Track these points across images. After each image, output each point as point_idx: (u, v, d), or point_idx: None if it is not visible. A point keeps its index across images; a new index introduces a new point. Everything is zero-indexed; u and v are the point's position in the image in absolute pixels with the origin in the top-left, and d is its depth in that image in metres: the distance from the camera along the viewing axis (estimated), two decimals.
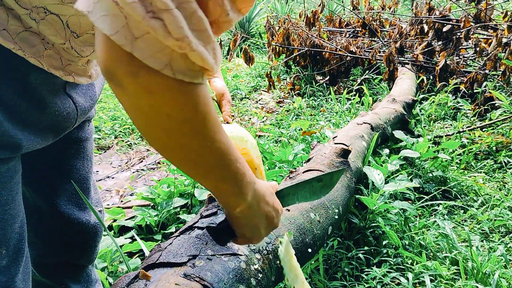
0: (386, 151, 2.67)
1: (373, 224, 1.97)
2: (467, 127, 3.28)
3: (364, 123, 2.56)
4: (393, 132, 2.80)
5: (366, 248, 1.86)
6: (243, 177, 0.73)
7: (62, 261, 1.20)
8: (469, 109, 3.61)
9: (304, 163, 1.81)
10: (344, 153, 1.74)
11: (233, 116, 1.18)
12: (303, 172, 1.61)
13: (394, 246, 1.89)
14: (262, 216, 0.82)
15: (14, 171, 0.88)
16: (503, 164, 2.75)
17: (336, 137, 2.24)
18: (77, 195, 1.13)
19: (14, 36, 0.76)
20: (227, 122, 1.19)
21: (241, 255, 0.99)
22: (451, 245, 1.86)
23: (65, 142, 1.08)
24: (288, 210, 1.26)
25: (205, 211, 1.16)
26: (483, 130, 3.23)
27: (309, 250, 1.25)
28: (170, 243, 0.98)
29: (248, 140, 1.12)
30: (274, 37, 4.60)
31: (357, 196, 1.95)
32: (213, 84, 1.21)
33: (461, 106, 3.71)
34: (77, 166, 1.13)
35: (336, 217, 1.47)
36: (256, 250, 1.04)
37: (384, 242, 1.89)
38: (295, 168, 1.71)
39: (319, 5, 4.82)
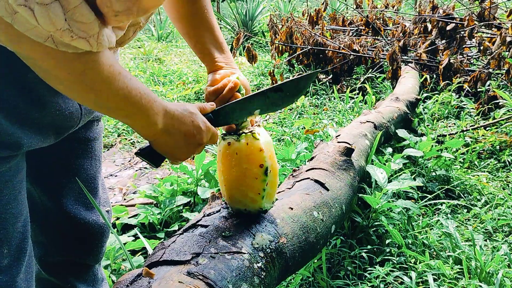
0: (389, 150, 2.66)
1: (376, 223, 1.96)
2: (471, 126, 3.27)
3: (367, 121, 2.55)
4: (396, 131, 2.79)
5: (369, 247, 1.85)
6: (149, 110, 0.81)
7: (68, 260, 1.20)
8: (472, 108, 3.60)
9: (307, 161, 1.81)
10: (348, 152, 1.74)
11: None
12: (306, 171, 1.61)
13: (397, 245, 1.88)
14: (180, 135, 0.88)
15: (17, 169, 0.88)
16: (507, 163, 2.74)
17: (339, 135, 2.24)
18: (84, 194, 1.13)
19: None
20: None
21: (244, 253, 0.99)
22: (454, 244, 1.86)
23: (72, 142, 1.08)
24: (292, 209, 1.25)
25: (208, 209, 1.16)
26: (487, 129, 3.22)
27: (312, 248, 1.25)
28: (174, 241, 0.98)
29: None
30: (277, 35, 4.59)
31: (360, 195, 1.95)
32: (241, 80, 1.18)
33: (464, 105, 3.70)
34: (84, 165, 1.13)
35: (339, 215, 1.46)
36: (259, 248, 1.04)
37: (387, 241, 1.89)
38: (298, 167, 1.70)
39: (322, 4, 4.81)
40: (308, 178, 1.50)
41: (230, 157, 1.04)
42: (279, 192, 1.46)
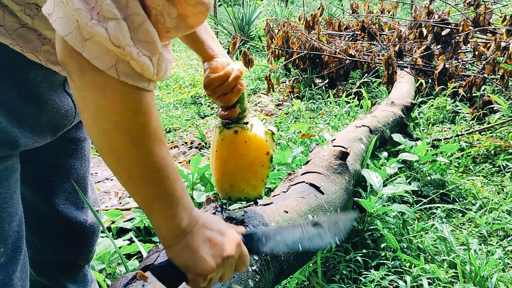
0: (385, 154, 2.67)
1: (371, 227, 1.97)
2: (466, 130, 3.29)
3: (362, 126, 2.56)
4: (392, 135, 2.81)
5: (364, 250, 1.86)
6: (179, 200, 0.71)
7: (59, 260, 1.20)
8: (467, 113, 3.62)
9: (303, 165, 1.81)
10: (343, 156, 1.75)
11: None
12: (301, 174, 1.61)
13: (392, 249, 1.89)
14: (204, 242, 0.76)
15: (12, 169, 0.88)
16: (501, 167, 2.76)
17: (334, 139, 2.24)
18: (74, 194, 1.14)
19: (11, 32, 0.77)
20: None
21: None
22: (449, 248, 1.86)
23: (63, 142, 1.08)
24: (287, 212, 1.26)
25: (204, 211, 1.16)
26: (482, 133, 3.24)
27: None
28: None
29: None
30: (273, 40, 4.61)
31: (355, 198, 1.95)
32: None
33: (459, 109, 3.72)
34: (75, 165, 1.14)
35: None
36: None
37: (382, 245, 1.89)
38: (293, 171, 1.71)
39: (319, 9, 4.84)
40: (303, 181, 1.51)
41: (238, 145, 1.03)
42: (274, 196, 1.46)
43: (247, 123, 1.05)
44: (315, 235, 0.89)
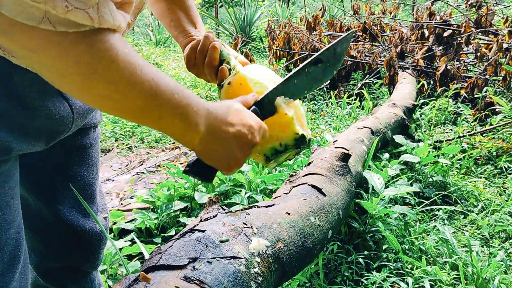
0: (386, 155, 2.67)
1: (373, 229, 1.96)
2: (468, 132, 3.28)
3: (364, 127, 2.56)
4: (393, 136, 2.80)
5: (366, 252, 1.85)
6: (186, 108, 0.68)
7: (66, 267, 1.18)
8: (469, 114, 3.62)
9: (304, 166, 1.81)
10: (345, 157, 1.75)
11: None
12: (303, 176, 1.61)
13: (394, 251, 1.88)
14: (230, 139, 0.76)
15: (8, 175, 0.84)
16: (503, 169, 2.75)
17: (336, 141, 2.24)
18: (80, 202, 1.11)
19: None
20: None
21: (241, 258, 0.99)
22: (451, 250, 1.86)
23: (69, 149, 1.05)
24: (288, 214, 1.26)
25: (205, 213, 1.16)
26: (484, 135, 3.23)
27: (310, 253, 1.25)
28: (170, 246, 0.98)
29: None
30: (275, 41, 4.61)
31: (357, 200, 1.95)
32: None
33: (461, 111, 3.72)
34: (81, 172, 1.10)
35: (336, 221, 1.47)
36: (256, 253, 1.04)
37: (384, 247, 1.89)
38: (295, 172, 1.71)
39: (320, 10, 4.84)
40: (305, 183, 1.50)
41: (237, 92, 0.96)
42: (276, 197, 1.46)
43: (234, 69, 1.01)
44: (318, 72, 0.91)
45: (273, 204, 1.29)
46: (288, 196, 1.42)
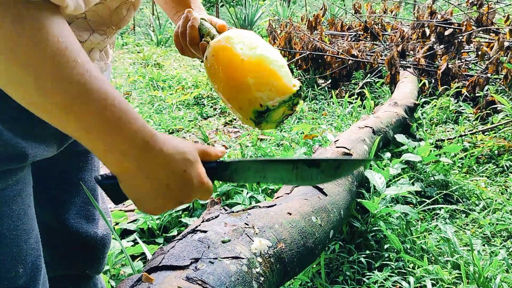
0: (388, 154, 2.67)
1: (374, 228, 1.97)
2: (469, 131, 3.28)
3: (365, 126, 2.56)
4: (395, 135, 2.80)
5: (367, 252, 1.86)
6: (115, 130, 0.58)
7: (70, 274, 1.17)
8: (471, 113, 3.62)
9: None
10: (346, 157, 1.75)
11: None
12: None
13: (395, 250, 1.89)
14: (160, 184, 0.65)
15: (24, 183, 0.82)
16: (505, 168, 2.75)
17: (337, 140, 2.25)
18: (85, 207, 1.10)
19: None
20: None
21: (243, 258, 0.99)
22: (452, 249, 1.86)
23: (73, 155, 1.04)
24: (290, 214, 1.26)
25: (207, 214, 1.16)
26: (485, 134, 3.23)
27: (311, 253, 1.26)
28: (173, 247, 0.99)
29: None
30: (275, 40, 4.62)
31: (358, 200, 1.95)
32: (209, 17, 1.03)
33: (463, 109, 3.72)
34: (85, 178, 1.09)
35: (338, 220, 1.47)
36: (258, 253, 1.05)
37: (385, 246, 1.89)
38: None
39: (321, 9, 4.84)
40: None
41: (218, 61, 0.89)
42: (277, 197, 1.46)
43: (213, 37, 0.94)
44: (308, 174, 0.79)
45: (275, 204, 1.30)
46: (289, 196, 1.42)
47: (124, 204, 2.63)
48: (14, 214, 0.79)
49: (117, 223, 2.18)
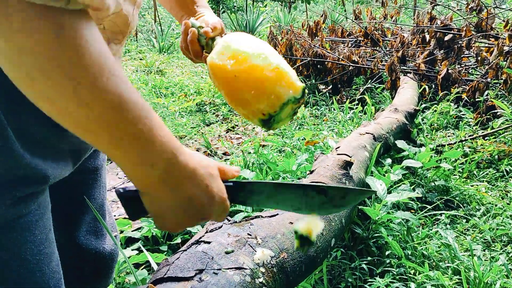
0: (389, 160, 2.69)
1: (376, 234, 1.99)
2: (469, 136, 3.30)
3: (366, 133, 2.59)
4: (396, 141, 2.83)
5: (369, 258, 1.88)
6: (147, 143, 0.58)
7: None
8: (471, 118, 3.64)
9: (308, 174, 1.84)
10: (346, 165, 1.78)
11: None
12: None
13: (397, 256, 1.91)
14: (184, 199, 0.65)
15: (45, 206, 0.81)
16: (505, 172, 2.77)
17: (339, 147, 2.27)
18: (94, 223, 1.11)
19: None
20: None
21: (246, 268, 1.02)
22: (453, 255, 1.88)
23: (82, 174, 1.05)
24: (292, 223, 1.29)
25: (211, 225, 1.19)
26: (485, 139, 3.25)
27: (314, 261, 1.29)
28: (178, 258, 1.02)
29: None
30: (276, 47, 4.65)
31: (360, 206, 1.98)
32: (204, 18, 1.03)
33: (463, 115, 3.74)
34: (95, 195, 1.10)
35: (339, 229, 1.50)
36: (261, 264, 1.07)
37: (387, 252, 1.92)
38: (298, 179, 1.74)
39: (321, 16, 4.88)
40: None
41: (220, 72, 0.89)
42: None
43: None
44: (315, 203, 0.80)
45: (277, 214, 1.32)
46: None
47: None
48: (36, 239, 0.78)
49: (121, 231, 2.21)
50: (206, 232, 1.15)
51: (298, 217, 1.35)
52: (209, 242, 1.08)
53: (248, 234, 1.15)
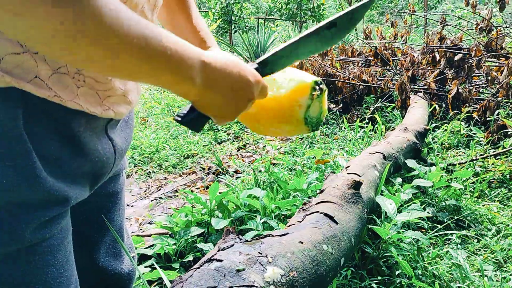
0: (399, 180, 2.71)
1: (386, 254, 2.00)
2: (480, 155, 3.30)
3: (376, 152, 2.61)
4: (406, 161, 2.85)
5: (379, 278, 1.89)
6: (179, 64, 0.66)
7: None
8: (482, 137, 3.64)
9: (318, 193, 1.87)
10: (356, 185, 1.80)
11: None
12: (315, 204, 1.67)
13: (407, 276, 1.92)
14: (227, 90, 0.75)
15: (67, 230, 0.85)
16: None
17: (349, 166, 2.30)
18: (113, 245, 1.14)
19: (47, 80, 0.73)
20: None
21: (257, 286, 1.05)
22: (464, 275, 1.88)
23: (103, 197, 1.08)
24: (302, 243, 1.32)
25: (223, 243, 1.23)
26: (497, 158, 3.25)
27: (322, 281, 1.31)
28: (191, 275, 1.05)
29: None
30: None
31: (370, 226, 2.00)
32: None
33: (474, 134, 3.74)
34: (114, 218, 1.13)
35: (349, 248, 1.52)
36: (271, 282, 1.10)
37: (397, 272, 1.92)
38: (309, 197, 1.77)
39: None
40: (318, 211, 1.56)
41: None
42: (290, 225, 1.52)
43: None
44: (329, 35, 0.88)
45: (287, 233, 1.35)
46: (301, 225, 1.48)
47: (141, 229, 2.71)
48: (57, 262, 0.81)
49: (135, 248, 2.25)
50: (218, 250, 1.19)
51: (308, 236, 1.38)
52: (221, 260, 1.11)
53: (259, 252, 1.18)
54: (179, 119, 0.81)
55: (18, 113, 0.70)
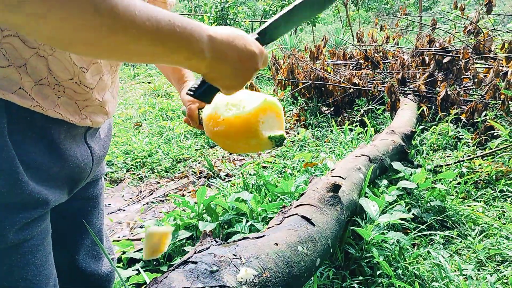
0: (385, 182, 2.75)
1: (368, 254, 2.05)
2: (467, 156, 3.35)
3: (362, 155, 2.66)
4: (392, 163, 2.89)
5: (361, 278, 1.93)
6: (188, 39, 0.70)
7: None
8: (469, 139, 3.69)
9: (299, 196, 1.92)
10: (335, 188, 1.85)
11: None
12: (295, 207, 1.72)
13: (388, 276, 1.96)
14: (234, 62, 0.79)
15: (46, 231, 0.90)
16: (503, 192, 2.81)
17: (334, 169, 2.35)
18: (92, 247, 1.19)
19: (30, 91, 0.77)
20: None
21: (229, 287, 1.10)
22: (444, 275, 1.93)
23: (83, 201, 1.14)
24: (277, 244, 1.36)
25: (199, 246, 1.27)
26: (484, 159, 3.30)
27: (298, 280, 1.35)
28: (166, 277, 1.09)
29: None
30: (278, 71, 4.78)
31: (352, 227, 2.04)
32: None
33: (462, 135, 3.79)
34: (93, 221, 1.18)
35: (325, 249, 1.56)
36: (244, 282, 1.15)
37: (378, 272, 1.97)
38: (290, 204, 1.81)
39: (322, 40, 5.00)
40: (296, 214, 1.61)
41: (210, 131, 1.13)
42: (268, 228, 1.57)
43: None
44: (321, 2, 0.93)
45: (264, 235, 1.40)
46: (279, 227, 1.52)
47: (132, 233, 2.75)
48: (37, 261, 0.87)
49: (124, 252, 2.29)
50: (195, 253, 1.23)
51: (283, 238, 1.42)
52: (196, 262, 1.16)
53: (233, 254, 1.22)
54: (192, 93, 0.88)
55: (3, 122, 0.76)
